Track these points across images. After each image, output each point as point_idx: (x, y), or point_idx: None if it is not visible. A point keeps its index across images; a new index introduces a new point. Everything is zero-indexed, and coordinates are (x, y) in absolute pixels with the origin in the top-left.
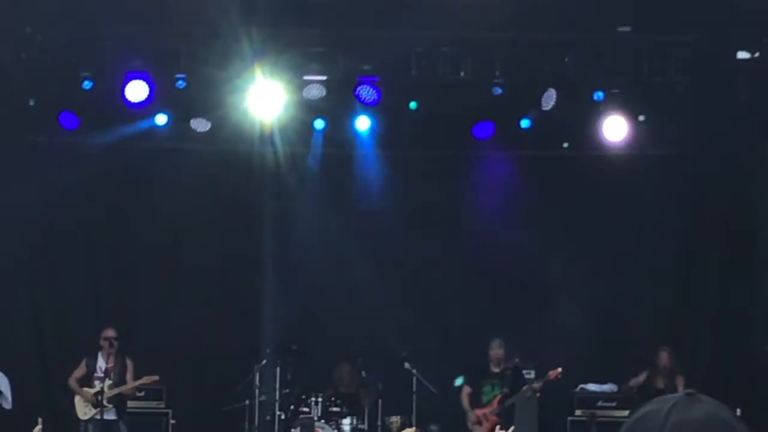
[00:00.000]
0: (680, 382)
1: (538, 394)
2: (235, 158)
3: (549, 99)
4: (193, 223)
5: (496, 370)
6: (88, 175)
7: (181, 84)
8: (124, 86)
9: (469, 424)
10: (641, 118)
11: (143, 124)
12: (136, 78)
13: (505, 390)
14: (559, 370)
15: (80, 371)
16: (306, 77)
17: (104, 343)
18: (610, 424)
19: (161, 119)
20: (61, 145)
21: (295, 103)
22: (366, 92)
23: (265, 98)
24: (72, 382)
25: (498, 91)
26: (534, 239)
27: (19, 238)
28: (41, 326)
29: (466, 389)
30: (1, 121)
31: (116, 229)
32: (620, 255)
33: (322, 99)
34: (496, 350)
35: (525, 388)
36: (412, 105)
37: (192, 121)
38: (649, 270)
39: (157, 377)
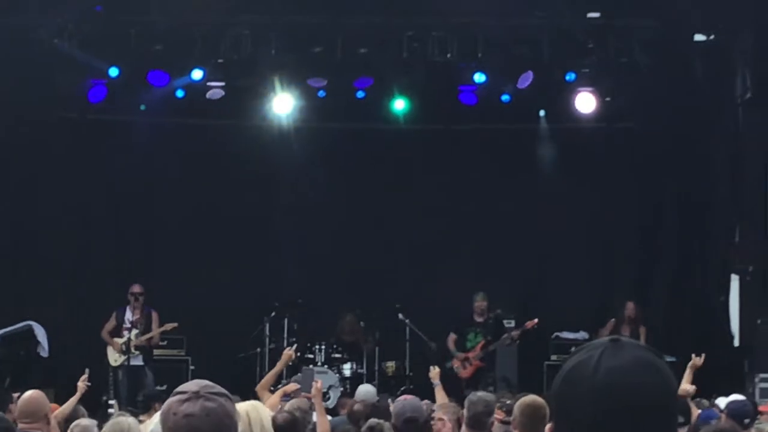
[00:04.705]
0: (642, 331)
1: (517, 342)
2: (248, 131)
3: (525, 79)
4: (210, 190)
5: (480, 319)
6: (115, 146)
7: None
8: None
9: (455, 367)
10: (608, 94)
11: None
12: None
13: (488, 337)
14: (536, 321)
15: (110, 324)
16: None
17: (131, 298)
18: None
19: (197, 74)
20: (90, 120)
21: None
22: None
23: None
24: (104, 334)
25: (480, 72)
26: (515, 203)
27: (54, 206)
28: (74, 282)
29: (452, 336)
30: (33, 100)
31: (141, 196)
32: (592, 219)
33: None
34: (480, 302)
35: (505, 336)
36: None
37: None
38: (616, 232)
39: (176, 324)
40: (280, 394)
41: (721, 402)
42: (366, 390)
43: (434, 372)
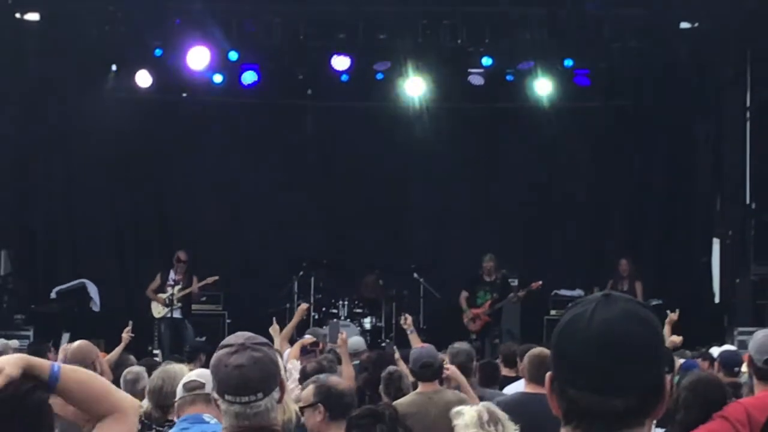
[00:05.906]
0: (638, 286)
1: (521, 300)
2: (279, 108)
3: (527, 65)
4: (245, 164)
5: (488, 279)
6: (159, 123)
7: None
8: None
9: (465, 321)
10: (603, 76)
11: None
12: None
13: (495, 295)
14: (540, 282)
15: (155, 283)
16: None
17: (176, 262)
18: None
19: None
20: (138, 100)
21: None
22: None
23: None
24: (149, 292)
25: (487, 56)
26: (518, 173)
27: (107, 179)
28: (124, 245)
29: (464, 294)
30: (90, 82)
31: (183, 167)
32: (588, 187)
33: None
34: (488, 263)
35: (511, 295)
36: None
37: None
38: (609, 200)
39: (217, 277)
40: (299, 346)
41: (715, 351)
42: (357, 340)
43: (408, 321)
